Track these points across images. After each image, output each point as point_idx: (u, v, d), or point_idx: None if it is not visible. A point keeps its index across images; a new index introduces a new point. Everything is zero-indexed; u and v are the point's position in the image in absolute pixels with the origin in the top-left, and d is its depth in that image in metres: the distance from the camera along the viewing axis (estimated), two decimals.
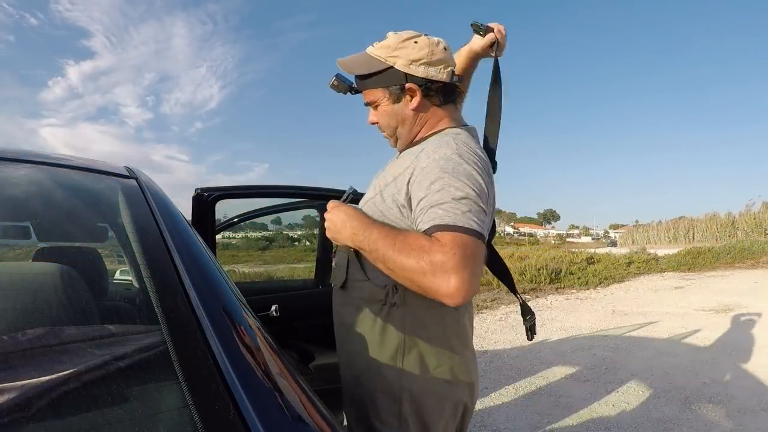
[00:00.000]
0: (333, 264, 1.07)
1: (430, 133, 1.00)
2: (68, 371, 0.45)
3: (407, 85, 0.95)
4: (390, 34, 0.98)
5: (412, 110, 0.98)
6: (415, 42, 0.95)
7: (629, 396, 2.94)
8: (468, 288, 0.76)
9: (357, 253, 0.96)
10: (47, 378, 0.43)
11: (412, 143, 1.02)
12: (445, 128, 1.00)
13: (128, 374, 0.48)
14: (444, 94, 0.99)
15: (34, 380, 0.42)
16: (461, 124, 1.04)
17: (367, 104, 1.03)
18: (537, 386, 3.17)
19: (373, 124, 1.05)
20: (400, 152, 1.05)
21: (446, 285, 0.75)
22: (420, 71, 0.94)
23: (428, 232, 0.80)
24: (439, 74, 0.96)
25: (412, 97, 0.97)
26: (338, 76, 1.01)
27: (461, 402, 0.99)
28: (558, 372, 3.46)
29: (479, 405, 2.83)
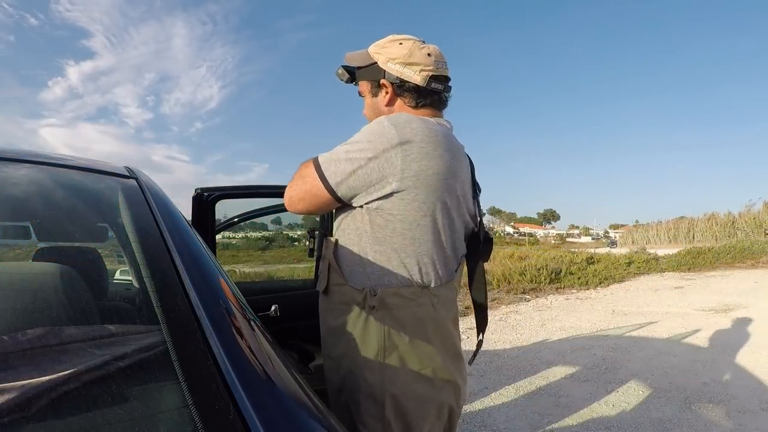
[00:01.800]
0: (318, 271, 1.07)
1: None
2: (68, 371, 0.45)
3: (382, 81, 1.03)
4: (390, 35, 1.05)
5: (386, 106, 1.04)
6: (400, 44, 1.01)
7: (629, 396, 2.94)
8: (288, 197, 1.01)
9: (337, 259, 0.98)
10: (47, 378, 0.43)
11: None
12: None
13: (128, 374, 0.48)
14: (418, 96, 1.02)
15: (34, 380, 0.42)
16: None
17: (360, 94, 1.12)
18: (537, 386, 3.17)
19: (365, 116, 1.12)
20: None
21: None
22: (394, 70, 1.00)
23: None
24: (414, 76, 1.00)
25: (386, 93, 1.04)
26: (344, 66, 1.11)
27: (446, 404, 0.99)
28: (558, 372, 3.46)
29: (479, 405, 2.83)
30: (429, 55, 1.00)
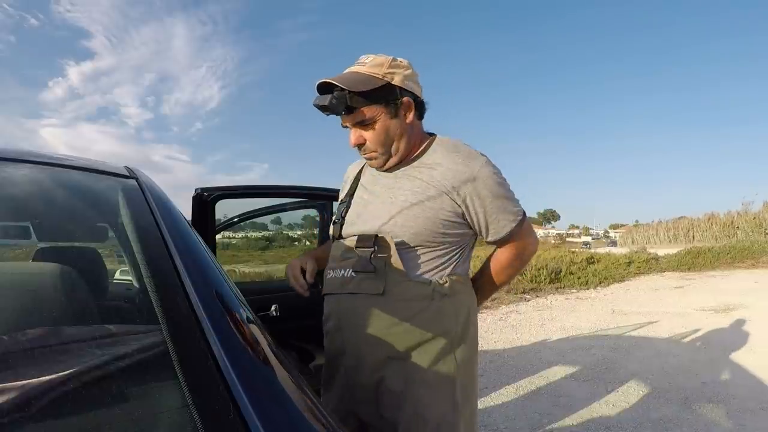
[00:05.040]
0: (348, 273, 1.03)
1: (424, 146, 1.09)
2: (68, 371, 0.45)
3: (405, 100, 1.02)
4: (369, 56, 1.02)
5: (408, 123, 1.04)
6: (400, 62, 1.04)
7: (629, 396, 2.94)
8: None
9: (398, 256, 0.99)
10: (47, 378, 0.43)
11: (408, 157, 1.08)
12: (433, 136, 1.11)
13: (128, 374, 0.48)
14: (423, 110, 1.10)
15: (34, 380, 0.42)
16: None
17: (358, 123, 1.02)
18: (537, 386, 3.17)
19: (359, 144, 1.05)
20: (390, 169, 1.08)
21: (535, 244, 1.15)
22: (411, 87, 1.04)
23: (512, 232, 1.06)
24: (421, 93, 1.08)
25: (407, 111, 1.04)
26: (335, 96, 0.97)
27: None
28: (558, 372, 3.46)
29: (479, 404, 2.83)
30: None
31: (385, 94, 1.00)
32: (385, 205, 1.04)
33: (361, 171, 1.18)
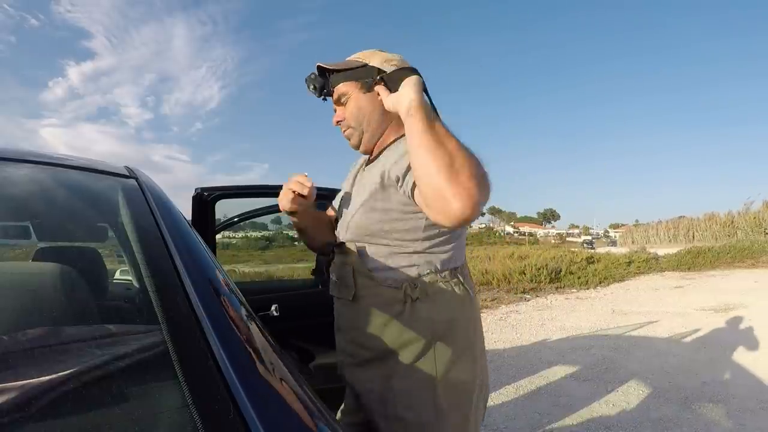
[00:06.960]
0: (332, 277, 1.07)
1: (400, 135, 1.02)
2: (68, 371, 0.45)
3: (383, 76, 1.00)
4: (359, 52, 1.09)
5: (380, 101, 0.98)
6: (384, 52, 1.06)
7: (629, 396, 2.94)
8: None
9: (361, 261, 0.98)
10: (47, 378, 0.43)
11: (381, 144, 1.06)
12: None
13: (128, 374, 0.48)
14: None
15: (34, 380, 0.42)
16: None
17: (336, 101, 1.07)
18: (537, 386, 3.17)
19: (338, 123, 1.08)
20: (365, 152, 1.09)
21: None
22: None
23: None
24: None
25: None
26: (315, 73, 1.07)
27: (485, 385, 1.03)
28: (558, 371, 3.46)
29: None
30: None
31: (360, 73, 1.03)
32: (353, 203, 1.04)
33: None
